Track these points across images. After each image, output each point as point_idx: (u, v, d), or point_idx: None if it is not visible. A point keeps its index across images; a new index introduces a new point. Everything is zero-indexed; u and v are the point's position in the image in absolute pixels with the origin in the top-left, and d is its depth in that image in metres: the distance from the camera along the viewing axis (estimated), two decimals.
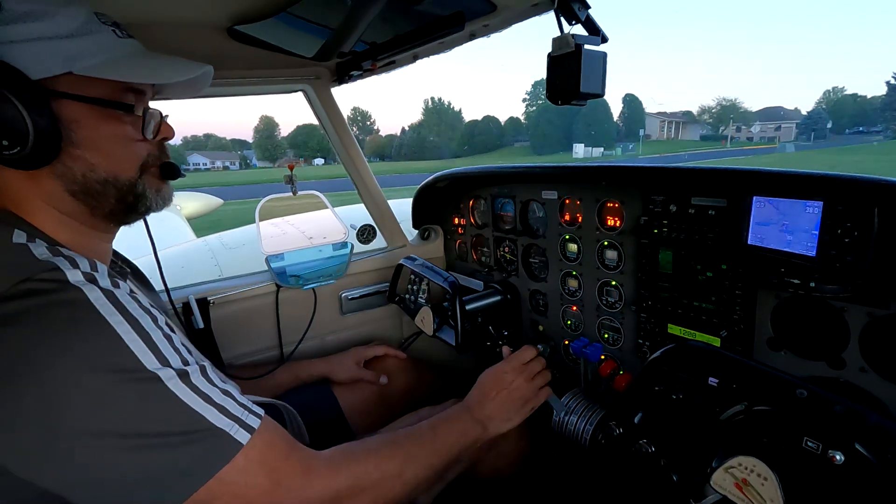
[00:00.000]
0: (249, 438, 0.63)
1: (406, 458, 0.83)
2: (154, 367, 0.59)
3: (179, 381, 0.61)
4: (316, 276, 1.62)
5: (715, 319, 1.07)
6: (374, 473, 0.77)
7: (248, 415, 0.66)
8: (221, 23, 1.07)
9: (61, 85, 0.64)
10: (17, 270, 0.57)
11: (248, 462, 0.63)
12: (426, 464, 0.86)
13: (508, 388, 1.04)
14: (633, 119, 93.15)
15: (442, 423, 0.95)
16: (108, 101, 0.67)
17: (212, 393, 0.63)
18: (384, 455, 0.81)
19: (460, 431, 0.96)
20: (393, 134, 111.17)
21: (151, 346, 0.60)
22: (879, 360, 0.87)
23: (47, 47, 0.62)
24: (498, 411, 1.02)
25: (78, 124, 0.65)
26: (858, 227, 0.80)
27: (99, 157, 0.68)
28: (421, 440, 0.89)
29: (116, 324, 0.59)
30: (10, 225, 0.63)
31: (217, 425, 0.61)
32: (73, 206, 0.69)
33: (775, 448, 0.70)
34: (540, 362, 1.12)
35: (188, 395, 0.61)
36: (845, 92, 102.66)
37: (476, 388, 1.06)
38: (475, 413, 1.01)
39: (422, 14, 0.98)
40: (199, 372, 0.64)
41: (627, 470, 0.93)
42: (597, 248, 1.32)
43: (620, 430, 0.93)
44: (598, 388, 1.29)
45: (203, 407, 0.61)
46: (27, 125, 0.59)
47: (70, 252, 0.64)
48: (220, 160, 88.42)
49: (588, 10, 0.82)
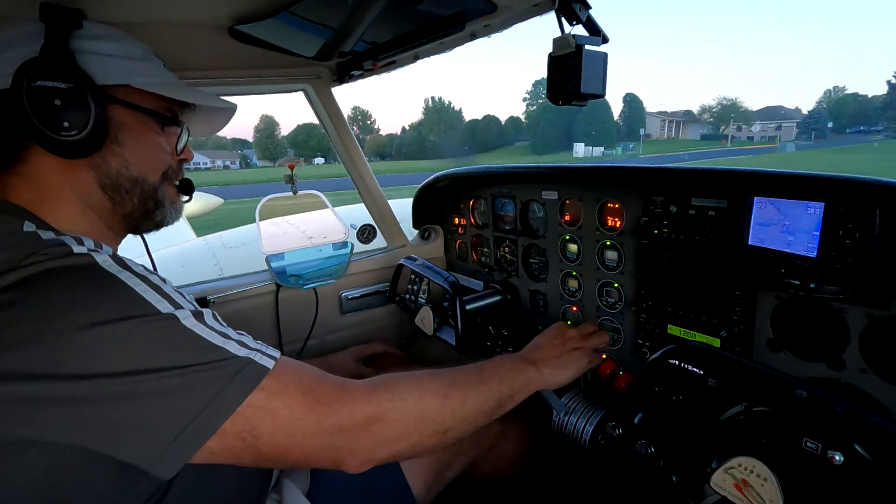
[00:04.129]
0: (275, 364, 0.64)
1: (451, 381, 0.79)
2: (168, 309, 0.61)
3: (195, 319, 0.63)
4: (316, 275, 1.62)
5: (715, 320, 1.07)
6: (413, 389, 0.74)
7: (268, 348, 0.67)
8: (222, 22, 1.07)
9: (119, 93, 0.74)
10: (25, 248, 0.60)
11: (282, 384, 0.63)
12: (473, 390, 0.81)
13: (562, 337, 1.07)
14: (633, 118, 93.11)
15: (489, 361, 0.92)
16: (155, 112, 0.79)
17: (227, 331, 0.65)
18: (424, 377, 0.78)
19: (511, 367, 0.92)
20: (393, 133, 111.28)
21: (163, 294, 0.62)
22: (879, 362, 0.87)
23: (114, 62, 0.74)
24: (550, 353, 1.01)
25: (124, 127, 0.75)
26: (859, 228, 0.80)
27: (134, 157, 0.77)
28: (466, 370, 0.85)
29: (126, 278, 0.61)
30: (22, 217, 0.66)
31: (240, 355, 0.62)
32: (99, 199, 0.75)
33: (775, 449, 0.70)
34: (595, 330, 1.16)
35: (207, 332, 0.62)
36: (846, 91, 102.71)
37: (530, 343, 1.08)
38: (527, 354, 1.01)
39: (422, 14, 0.98)
40: (211, 315, 0.66)
41: (627, 470, 0.93)
42: (597, 249, 1.32)
43: (620, 431, 0.94)
44: (598, 388, 1.29)
45: (223, 341, 0.62)
46: (89, 115, 0.68)
47: (76, 234, 0.67)
48: (220, 159, 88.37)
49: (589, 10, 0.82)
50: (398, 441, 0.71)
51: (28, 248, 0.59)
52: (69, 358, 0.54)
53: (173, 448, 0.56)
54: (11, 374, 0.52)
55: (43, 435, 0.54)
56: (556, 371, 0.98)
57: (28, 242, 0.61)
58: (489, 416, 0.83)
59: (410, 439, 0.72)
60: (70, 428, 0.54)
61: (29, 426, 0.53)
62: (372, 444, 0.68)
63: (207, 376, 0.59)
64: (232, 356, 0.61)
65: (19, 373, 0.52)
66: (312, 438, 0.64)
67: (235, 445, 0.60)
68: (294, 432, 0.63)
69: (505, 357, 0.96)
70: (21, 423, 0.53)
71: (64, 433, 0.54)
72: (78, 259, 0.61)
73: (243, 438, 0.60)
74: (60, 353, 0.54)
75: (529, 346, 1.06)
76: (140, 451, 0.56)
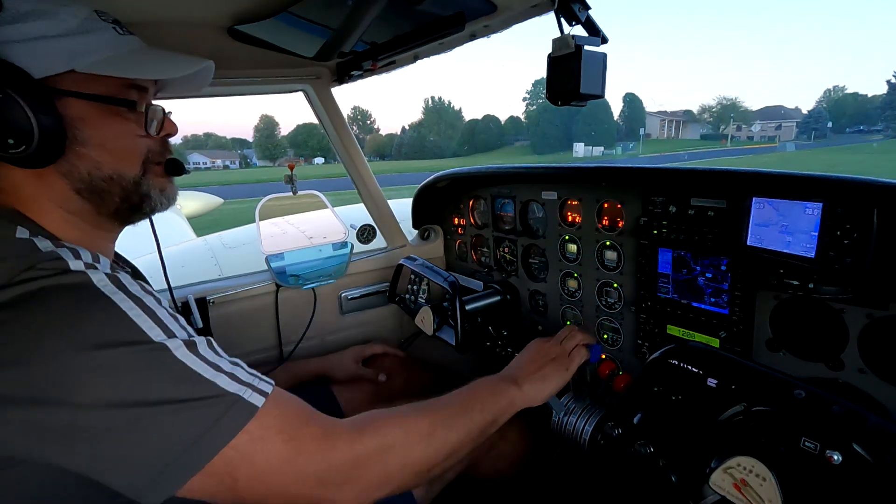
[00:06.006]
0: (264, 402, 0.62)
1: (434, 419, 0.78)
2: (160, 338, 0.59)
3: (186, 349, 0.60)
4: (316, 275, 1.62)
5: (714, 320, 1.07)
6: (398, 432, 0.73)
7: (260, 381, 0.65)
8: (222, 22, 1.07)
9: (64, 83, 0.64)
10: (21, 261, 0.57)
11: (265, 429, 0.61)
12: (457, 425, 0.81)
13: (539, 351, 1.07)
14: (633, 118, 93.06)
15: (470, 387, 0.92)
16: (110, 98, 0.68)
17: (220, 363, 0.63)
18: (410, 416, 0.77)
19: (491, 391, 0.92)
20: (393, 133, 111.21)
21: (156, 321, 0.60)
22: (878, 362, 0.87)
23: (49, 46, 0.62)
24: (530, 369, 1.01)
25: (82, 122, 0.66)
26: (858, 228, 0.80)
27: (104, 155, 0.68)
28: (449, 404, 0.84)
29: (120, 301, 0.59)
30: (14, 222, 0.63)
31: (229, 390, 0.60)
32: (80, 205, 0.70)
33: (774, 448, 0.70)
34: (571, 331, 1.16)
35: (197, 364, 0.60)
36: (846, 91, 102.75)
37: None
38: (507, 373, 1.01)
39: (422, 14, 0.98)
40: (205, 344, 0.64)
41: (626, 470, 0.93)
42: (596, 249, 1.32)
43: (619, 431, 0.94)
44: (598, 388, 1.29)
45: (213, 374, 0.60)
46: (32, 124, 0.59)
47: (73, 245, 0.64)
48: (220, 159, 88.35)
49: (588, 10, 0.82)
50: (380, 487, 0.70)
51: (24, 262, 0.57)
52: (57, 384, 0.53)
53: (156, 483, 0.56)
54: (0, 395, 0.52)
55: (27, 455, 0.53)
56: (538, 385, 0.99)
57: (24, 254, 0.59)
58: (472, 444, 0.84)
59: (393, 484, 0.71)
60: (55, 452, 0.53)
61: (13, 446, 0.53)
62: (353, 493, 0.67)
63: (194, 414, 0.57)
64: (221, 393, 0.59)
65: (7, 394, 0.52)
66: (291, 488, 0.63)
67: (213, 486, 0.59)
68: (272, 481, 0.61)
69: (486, 379, 0.96)
70: (5, 443, 0.52)
71: (49, 456, 0.53)
72: (73, 278, 0.58)
73: (221, 480, 0.59)
74: (48, 378, 0.53)
75: (509, 365, 1.06)
76: (123, 481, 0.55)
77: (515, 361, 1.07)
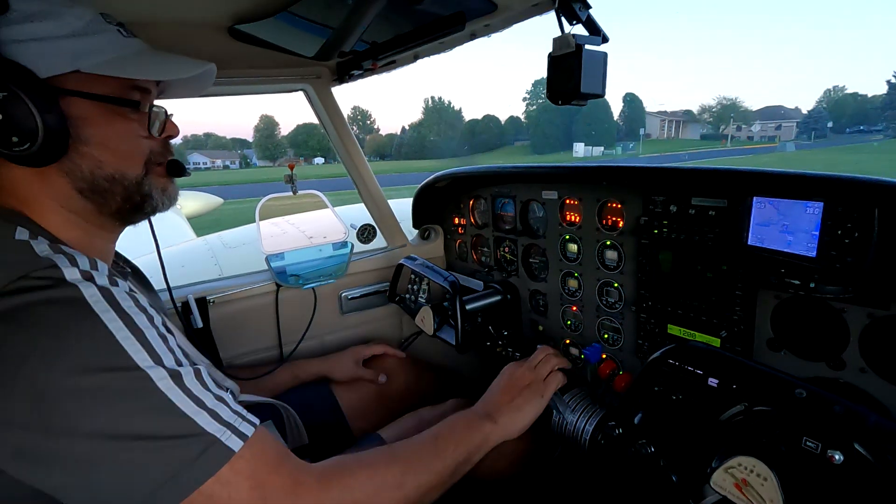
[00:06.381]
0: (241, 446, 0.61)
1: (405, 467, 0.78)
2: (146, 364, 0.58)
3: (171, 381, 0.59)
4: (316, 275, 1.62)
5: (715, 320, 1.07)
6: (367, 485, 0.72)
7: (242, 422, 0.64)
8: (222, 22, 1.07)
9: (69, 83, 0.65)
10: (16, 267, 0.57)
11: (235, 475, 0.61)
12: (429, 469, 0.81)
13: (511, 378, 1.06)
14: (633, 118, 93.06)
15: (444, 424, 0.92)
16: (114, 98, 0.68)
17: (204, 397, 0.62)
18: (380, 465, 0.76)
19: (465, 427, 0.92)
20: (393, 133, 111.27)
21: (144, 344, 0.60)
22: (879, 362, 0.87)
23: (55, 46, 0.63)
24: (503, 399, 1.00)
25: (85, 122, 0.66)
26: (859, 227, 0.80)
27: (106, 155, 0.69)
28: (421, 446, 0.84)
29: (109, 321, 0.58)
30: (13, 222, 0.63)
31: (208, 430, 0.59)
32: (81, 204, 0.70)
33: (775, 448, 0.70)
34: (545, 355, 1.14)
35: (179, 398, 0.59)
36: (846, 91, 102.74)
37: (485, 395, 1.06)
38: (480, 407, 1.00)
39: (422, 14, 0.98)
40: (192, 374, 0.63)
41: (627, 470, 0.93)
42: (597, 249, 1.32)
43: (620, 431, 0.93)
44: (598, 388, 1.29)
45: (194, 410, 0.60)
46: (36, 122, 0.60)
47: (71, 250, 0.63)
48: (220, 159, 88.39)
49: (589, 10, 0.82)
50: None
51: (18, 269, 0.57)
52: (37, 408, 0.53)
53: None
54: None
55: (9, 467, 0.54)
56: (512, 416, 0.98)
57: (20, 260, 0.59)
58: (445, 486, 0.84)
59: None
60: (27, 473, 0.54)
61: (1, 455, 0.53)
62: None
63: (170, 454, 0.57)
64: (199, 432, 0.59)
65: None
66: None
67: None
68: None
69: (460, 415, 0.96)
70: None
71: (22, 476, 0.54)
72: (65, 292, 0.57)
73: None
74: (29, 401, 0.53)
75: (483, 397, 1.05)
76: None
77: (489, 392, 1.05)
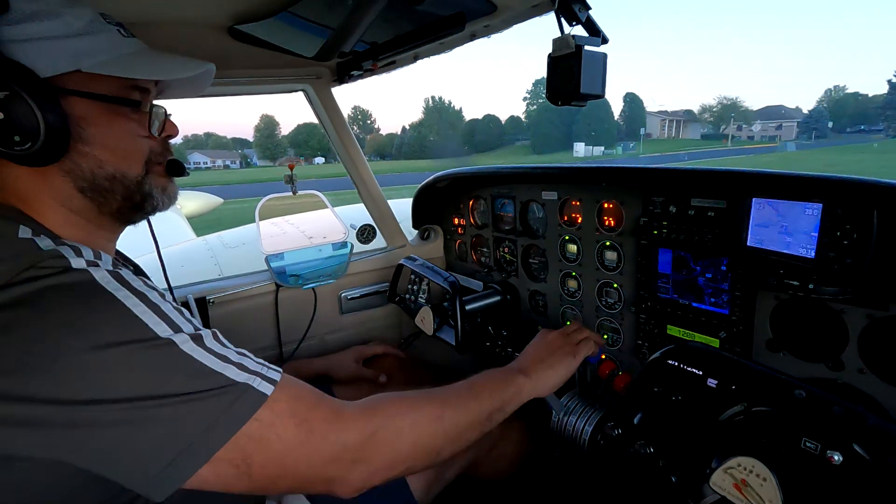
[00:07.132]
0: (273, 389, 0.63)
1: (443, 403, 0.79)
2: (167, 333, 0.59)
3: (194, 343, 0.61)
4: (316, 275, 1.63)
5: (714, 321, 1.07)
6: (409, 415, 0.74)
7: (268, 370, 0.65)
8: (222, 22, 1.07)
9: (70, 83, 0.65)
10: (22, 259, 0.57)
11: (276, 414, 0.62)
12: (466, 408, 0.81)
13: (545, 340, 1.07)
14: (633, 118, 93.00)
15: (479, 375, 0.92)
16: (115, 97, 0.69)
17: (227, 353, 0.63)
18: (420, 399, 0.78)
19: (500, 378, 0.92)
20: (393, 133, 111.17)
21: (162, 316, 0.60)
22: (878, 362, 0.87)
23: (56, 46, 0.63)
24: (537, 358, 1.01)
25: (86, 121, 0.67)
26: (858, 229, 0.80)
27: (107, 154, 0.69)
28: (458, 389, 0.85)
29: (124, 297, 0.59)
30: (16, 221, 0.63)
31: (238, 380, 0.61)
32: (82, 204, 0.70)
33: (774, 448, 0.70)
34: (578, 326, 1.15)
35: (205, 356, 0.60)
36: (847, 91, 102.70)
37: None
38: (514, 364, 1.01)
39: (422, 14, 0.98)
40: (211, 336, 0.64)
41: (626, 471, 0.93)
42: (596, 249, 1.32)
43: (619, 431, 0.94)
44: (597, 388, 1.29)
45: (221, 366, 0.61)
46: (38, 122, 0.60)
47: (75, 243, 0.64)
48: (220, 159, 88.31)
49: (588, 10, 0.82)
50: (391, 468, 0.70)
51: (25, 261, 0.57)
52: (65, 382, 0.53)
53: (165, 474, 0.56)
54: (6, 396, 0.52)
55: (32, 453, 0.53)
56: (545, 373, 0.99)
57: (25, 253, 0.59)
58: (480, 431, 0.84)
59: (404, 465, 0.72)
60: (62, 449, 0.54)
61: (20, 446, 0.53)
62: (365, 472, 0.68)
63: (203, 405, 0.57)
64: (230, 383, 0.60)
65: (13, 394, 0.52)
66: (305, 469, 0.64)
67: (227, 473, 0.59)
68: (286, 463, 0.62)
69: (495, 370, 0.96)
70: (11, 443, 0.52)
71: (57, 453, 0.54)
72: (75, 276, 0.58)
73: (236, 466, 0.59)
74: (56, 377, 0.53)
75: (518, 357, 1.06)
76: (132, 475, 0.56)
77: (523, 353, 1.07)
